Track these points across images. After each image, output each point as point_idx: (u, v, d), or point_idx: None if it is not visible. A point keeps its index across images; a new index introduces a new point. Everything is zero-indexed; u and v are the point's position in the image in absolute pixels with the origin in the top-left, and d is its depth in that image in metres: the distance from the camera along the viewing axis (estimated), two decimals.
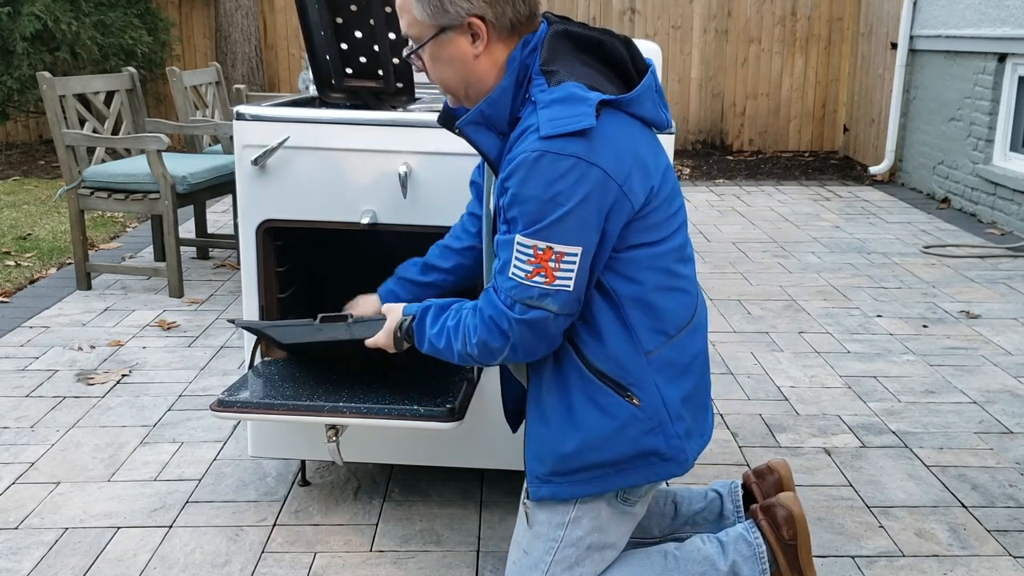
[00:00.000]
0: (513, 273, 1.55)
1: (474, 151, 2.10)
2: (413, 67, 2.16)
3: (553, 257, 1.52)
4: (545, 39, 1.61)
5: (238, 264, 4.64)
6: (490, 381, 2.25)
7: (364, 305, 2.10)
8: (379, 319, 1.87)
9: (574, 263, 1.53)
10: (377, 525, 2.37)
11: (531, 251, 1.52)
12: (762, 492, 1.97)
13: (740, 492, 2.01)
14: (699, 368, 1.72)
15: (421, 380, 2.14)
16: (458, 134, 1.67)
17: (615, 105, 1.56)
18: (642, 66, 1.66)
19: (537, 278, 1.53)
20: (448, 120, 1.77)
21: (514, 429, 1.97)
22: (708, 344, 1.79)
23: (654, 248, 1.62)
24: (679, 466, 1.68)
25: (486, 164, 1.81)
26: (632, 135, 1.58)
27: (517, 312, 1.55)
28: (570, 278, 1.53)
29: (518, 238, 1.53)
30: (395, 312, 1.83)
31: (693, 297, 1.71)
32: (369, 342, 1.87)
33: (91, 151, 4.32)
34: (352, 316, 2.00)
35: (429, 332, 1.73)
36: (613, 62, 1.65)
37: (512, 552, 1.80)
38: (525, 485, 1.78)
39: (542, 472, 1.71)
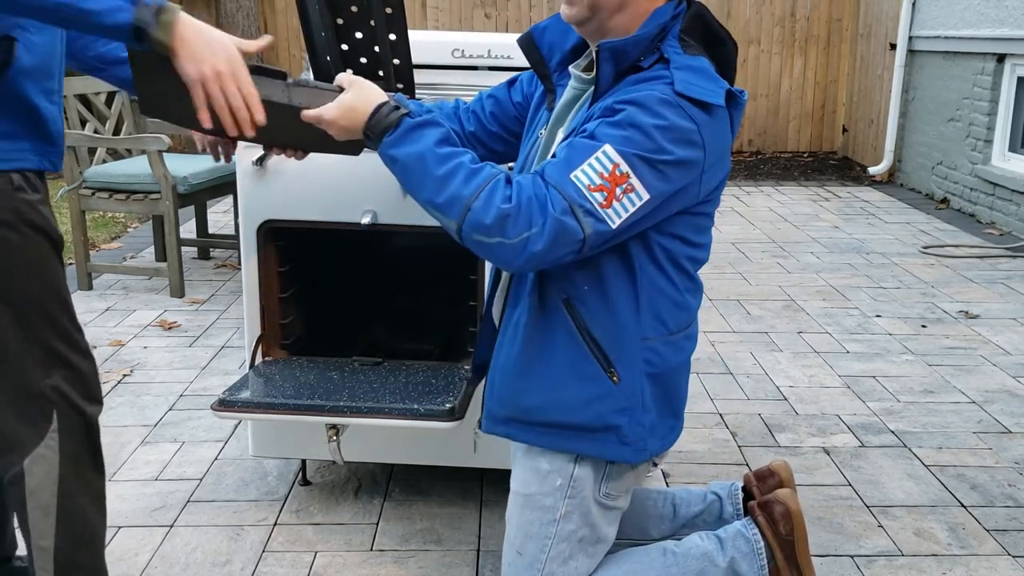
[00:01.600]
0: (576, 176, 1.48)
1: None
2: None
3: (624, 186, 1.48)
4: (687, 14, 1.62)
5: (239, 264, 4.65)
6: None
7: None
8: (333, 89, 1.58)
9: (634, 206, 1.50)
10: (377, 524, 2.37)
11: (611, 167, 1.47)
12: (763, 495, 1.98)
13: (740, 495, 2.02)
14: (679, 375, 1.74)
15: (421, 380, 2.15)
16: (595, 53, 1.61)
17: (730, 100, 1.58)
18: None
19: (597, 195, 1.47)
20: (529, 43, 1.74)
21: (477, 382, 1.94)
22: (692, 362, 1.82)
23: (691, 249, 1.66)
24: (635, 453, 1.69)
25: (565, 101, 1.73)
26: (728, 133, 1.61)
27: (558, 209, 1.46)
28: (621, 216, 1.49)
29: (607, 147, 1.47)
30: (365, 89, 1.56)
31: (696, 308, 1.75)
32: (310, 113, 1.55)
33: (92, 151, 4.33)
34: (293, 78, 1.58)
35: (430, 147, 1.50)
36: (724, 63, 1.65)
37: (506, 554, 1.80)
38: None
39: (502, 415, 1.73)
